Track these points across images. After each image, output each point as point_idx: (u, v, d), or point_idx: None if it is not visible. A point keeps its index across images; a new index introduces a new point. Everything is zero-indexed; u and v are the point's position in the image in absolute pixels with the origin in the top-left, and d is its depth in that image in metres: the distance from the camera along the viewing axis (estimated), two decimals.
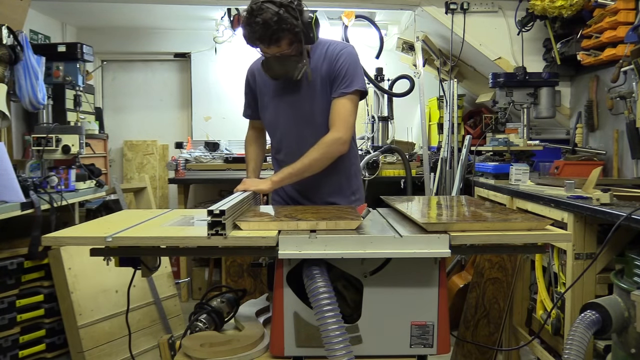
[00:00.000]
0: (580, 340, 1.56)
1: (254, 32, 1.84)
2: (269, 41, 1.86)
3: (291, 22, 1.85)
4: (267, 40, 1.86)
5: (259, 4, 1.83)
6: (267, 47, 1.89)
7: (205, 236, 1.38)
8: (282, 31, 1.84)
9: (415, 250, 1.41)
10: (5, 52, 2.65)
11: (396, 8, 3.81)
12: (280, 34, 1.85)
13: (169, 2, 3.92)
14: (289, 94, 2.08)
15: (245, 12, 1.86)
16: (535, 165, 3.25)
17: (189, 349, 1.59)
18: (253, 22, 1.82)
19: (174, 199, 4.96)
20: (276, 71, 1.97)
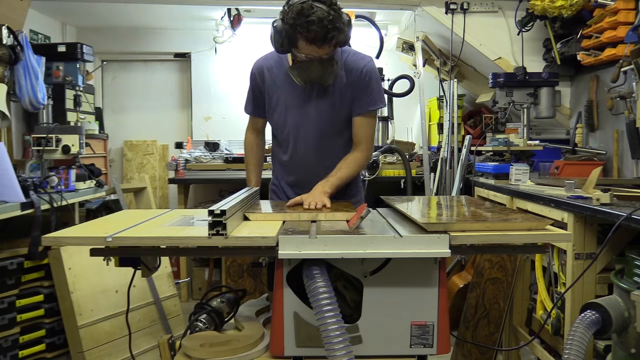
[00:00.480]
0: (580, 340, 1.56)
1: (309, 32, 1.78)
2: (323, 41, 1.81)
3: (341, 22, 1.84)
4: (321, 39, 1.80)
5: (308, 3, 1.79)
6: (319, 47, 1.83)
7: (206, 236, 1.38)
8: (336, 30, 1.81)
9: (415, 250, 1.41)
10: (5, 52, 2.65)
11: (396, 8, 3.82)
12: (334, 33, 1.81)
13: (169, 2, 3.92)
14: (308, 99, 2.06)
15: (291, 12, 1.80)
16: (535, 165, 3.26)
17: (189, 349, 1.59)
18: (306, 21, 1.77)
19: (174, 199, 4.96)
20: (313, 75, 1.93)
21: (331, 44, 1.85)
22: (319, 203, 1.79)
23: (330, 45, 1.85)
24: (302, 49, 1.87)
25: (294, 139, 2.12)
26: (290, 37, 1.84)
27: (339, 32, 1.83)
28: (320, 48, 1.84)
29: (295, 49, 1.89)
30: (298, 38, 1.83)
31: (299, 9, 1.79)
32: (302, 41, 1.83)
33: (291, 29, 1.82)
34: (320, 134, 2.10)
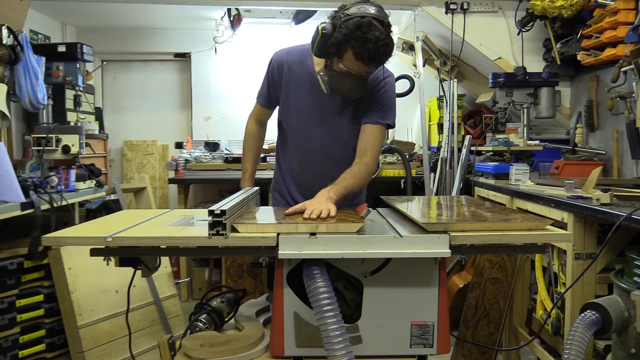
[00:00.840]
0: (580, 340, 1.56)
1: (363, 49, 1.73)
2: (372, 61, 1.77)
3: (391, 44, 1.78)
4: (371, 59, 1.76)
5: (368, 19, 1.71)
6: (366, 65, 1.78)
7: (206, 236, 1.38)
8: (386, 54, 1.77)
9: (415, 250, 1.41)
10: (5, 52, 2.65)
11: (396, 8, 3.81)
12: (384, 57, 1.78)
13: (169, 2, 3.92)
14: (327, 105, 2.03)
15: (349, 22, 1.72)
16: (535, 165, 3.25)
17: (189, 349, 1.59)
18: (362, 37, 1.71)
19: (174, 199, 4.96)
20: (345, 88, 1.88)
21: (377, 65, 1.82)
22: (324, 211, 1.60)
23: (376, 65, 1.82)
24: (346, 62, 1.80)
25: (307, 142, 2.09)
26: (340, 46, 1.77)
27: (387, 55, 1.79)
28: (366, 66, 1.80)
29: (338, 60, 1.82)
30: (347, 50, 1.76)
31: (358, 23, 1.71)
32: (350, 55, 1.77)
33: (344, 39, 1.74)
34: (335, 141, 2.07)
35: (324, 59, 1.89)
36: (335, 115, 2.04)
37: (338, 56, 1.80)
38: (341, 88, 1.89)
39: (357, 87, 1.89)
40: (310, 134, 2.08)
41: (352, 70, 1.81)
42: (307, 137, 2.08)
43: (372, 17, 1.72)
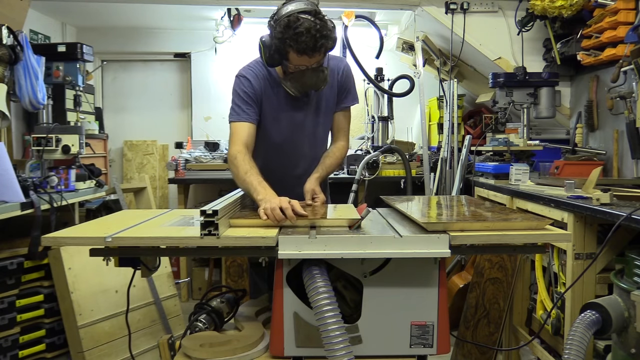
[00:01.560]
0: (580, 340, 1.56)
1: (299, 43, 1.81)
2: (313, 50, 1.84)
3: (328, 29, 1.86)
4: (311, 49, 1.83)
5: (294, 15, 1.81)
6: (310, 57, 1.86)
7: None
8: (324, 38, 1.84)
9: (415, 250, 1.41)
10: (5, 52, 2.65)
11: (396, 8, 3.81)
12: (323, 41, 1.84)
13: (169, 2, 3.92)
14: (299, 107, 2.10)
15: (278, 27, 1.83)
16: (535, 165, 3.25)
17: (188, 349, 1.59)
18: (294, 33, 1.80)
19: (174, 199, 4.96)
20: (307, 84, 1.96)
21: (321, 52, 1.88)
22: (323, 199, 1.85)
23: (320, 53, 1.88)
24: (293, 61, 1.89)
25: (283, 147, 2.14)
26: (281, 50, 1.87)
27: (327, 39, 1.85)
28: (311, 57, 1.87)
29: (287, 62, 1.91)
30: (288, 51, 1.85)
31: (286, 23, 1.81)
32: (292, 53, 1.85)
33: (280, 42, 1.84)
34: (309, 139, 2.16)
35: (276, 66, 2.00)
36: (310, 113, 2.13)
37: (285, 59, 1.90)
38: (304, 86, 1.97)
39: (318, 78, 1.96)
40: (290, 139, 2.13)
41: (303, 65, 1.90)
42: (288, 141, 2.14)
43: (298, 11, 1.82)
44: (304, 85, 1.97)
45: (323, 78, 1.98)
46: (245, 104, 2.06)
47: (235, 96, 2.09)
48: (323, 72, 1.97)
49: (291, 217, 1.57)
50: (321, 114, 2.15)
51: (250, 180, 1.85)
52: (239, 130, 2.06)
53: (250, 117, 2.05)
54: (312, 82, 1.96)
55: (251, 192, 1.83)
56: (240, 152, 1.98)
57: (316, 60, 1.90)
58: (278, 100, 2.08)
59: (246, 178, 1.87)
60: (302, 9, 1.83)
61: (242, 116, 2.06)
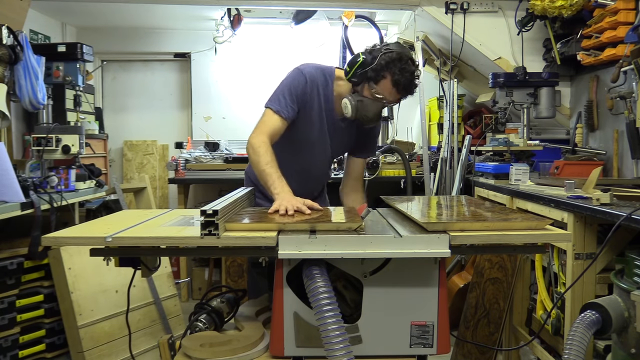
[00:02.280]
0: (580, 340, 1.56)
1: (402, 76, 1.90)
2: (405, 91, 1.95)
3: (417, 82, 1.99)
4: (405, 88, 1.94)
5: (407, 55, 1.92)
6: (398, 93, 1.95)
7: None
8: (415, 87, 1.97)
9: (415, 250, 1.41)
10: (5, 52, 2.65)
11: (396, 8, 3.81)
12: (414, 89, 1.97)
13: (169, 2, 3.92)
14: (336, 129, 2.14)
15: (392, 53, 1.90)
16: (535, 165, 3.25)
17: (189, 349, 1.59)
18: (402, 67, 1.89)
19: (174, 199, 4.96)
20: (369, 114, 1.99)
21: (405, 97, 1.99)
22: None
23: (404, 97, 1.99)
24: (381, 87, 1.93)
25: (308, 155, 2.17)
26: (380, 72, 1.91)
27: (416, 87, 1.98)
28: (397, 95, 1.95)
29: (374, 84, 1.93)
30: (386, 77, 1.91)
31: (399, 56, 1.90)
32: (387, 81, 1.91)
33: (385, 66, 1.90)
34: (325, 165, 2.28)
35: (353, 84, 2.00)
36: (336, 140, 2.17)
37: (375, 81, 1.93)
38: (367, 114, 1.98)
39: (378, 115, 2.03)
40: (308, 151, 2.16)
41: (383, 96, 1.95)
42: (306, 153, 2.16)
43: (409, 57, 1.94)
44: (366, 112, 1.97)
45: (376, 119, 2.04)
46: (291, 99, 2.01)
47: (285, 86, 2.03)
48: (381, 117, 2.06)
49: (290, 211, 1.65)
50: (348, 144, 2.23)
51: (270, 172, 1.84)
52: (271, 121, 1.99)
53: (288, 114, 2.00)
54: (372, 115, 1.99)
55: (269, 184, 1.83)
56: (265, 143, 1.92)
57: (394, 100, 1.98)
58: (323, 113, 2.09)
59: (266, 169, 1.85)
60: (412, 57, 1.95)
61: (283, 109, 1.99)
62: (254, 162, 1.93)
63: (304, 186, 2.05)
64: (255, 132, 1.97)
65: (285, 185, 1.80)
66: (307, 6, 4.14)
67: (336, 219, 1.61)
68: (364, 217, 1.70)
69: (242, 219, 1.55)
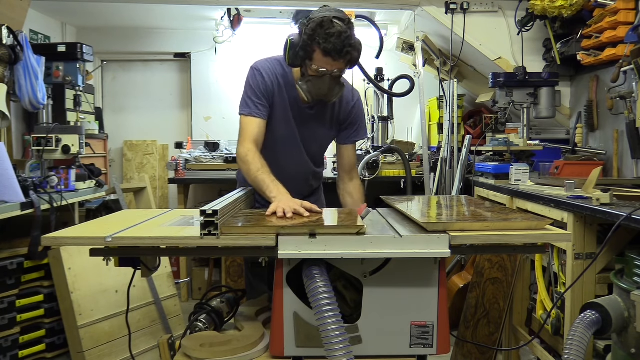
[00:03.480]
0: (580, 340, 1.56)
1: (328, 43, 1.81)
2: (339, 54, 1.84)
3: (356, 41, 1.88)
4: (337, 52, 1.83)
5: (329, 17, 1.83)
6: (334, 60, 1.86)
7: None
8: (351, 47, 1.85)
9: (415, 250, 1.41)
10: (5, 52, 2.65)
11: (396, 8, 3.81)
12: (349, 49, 1.85)
13: (169, 2, 3.92)
14: (306, 118, 2.09)
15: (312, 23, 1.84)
16: (535, 165, 3.25)
17: (189, 349, 1.59)
18: (325, 33, 1.81)
19: (174, 199, 4.96)
20: (322, 90, 1.94)
21: (345, 60, 1.88)
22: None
23: (344, 60, 1.88)
24: (316, 61, 1.88)
25: (280, 153, 2.11)
26: (307, 48, 1.86)
27: (353, 49, 1.87)
28: (335, 61, 1.86)
29: (309, 62, 1.90)
30: (315, 50, 1.85)
31: (319, 22, 1.83)
32: (318, 53, 1.85)
33: (309, 39, 1.85)
34: (307, 154, 2.17)
35: (298, 67, 1.96)
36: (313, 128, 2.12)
37: (309, 58, 1.89)
38: (319, 92, 1.94)
39: (333, 89, 1.95)
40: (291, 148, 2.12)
41: (324, 68, 1.88)
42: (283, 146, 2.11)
43: (332, 16, 1.84)
44: (319, 91, 1.94)
45: (337, 91, 1.97)
46: (257, 98, 2.01)
47: (248, 88, 2.04)
48: (339, 86, 1.97)
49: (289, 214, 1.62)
50: (323, 132, 2.15)
51: (262, 177, 1.86)
52: (249, 126, 2.00)
53: (261, 113, 2.01)
54: (327, 91, 1.94)
55: (264, 189, 1.84)
56: (251, 151, 1.94)
57: (338, 68, 1.90)
58: (288, 104, 2.05)
59: (258, 175, 1.87)
60: (336, 15, 1.86)
61: (254, 111, 2.00)
62: (245, 171, 1.96)
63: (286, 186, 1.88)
64: (239, 143, 2.00)
65: (281, 188, 1.82)
66: (307, 6, 4.13)
67: (335, 221, 1.61)
68: (364, 217, 1.70)
69: (238, 222, 1.52)
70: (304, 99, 1.99)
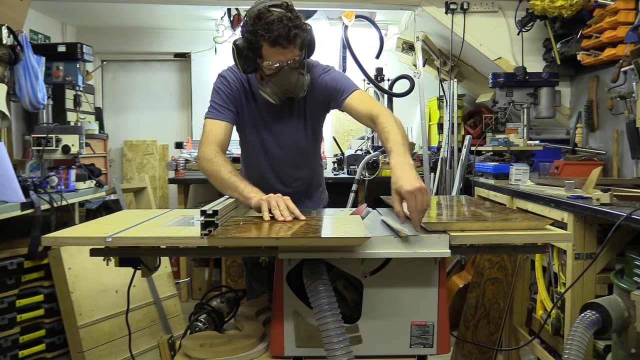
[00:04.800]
0: (580, 340, 1.56)
1: (271, 32, 1.70)
2: (287, 39, 1.72)
3: (300, 21, 1.77)
4: (284, 38, 1.71)
5: (265, 7, 1.73)
6: (285, 48, 1.74)
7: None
8: (297, 28, 1.74)
9: (415, 250, 1.41)
10: (5, 52, 2.65)
11: (396, 8, 3.81)
12: (296, 31, 1.73)
13: (169, 2, 3.92)
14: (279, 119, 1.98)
15: (250, 19, 1.75)
16: (535, 165, 3.25)
17: (189, 349, 1.59)
18: (265, 22, 1.70)
19: (174, 199, 4.96)
20: (285, 85, 1.82)
21: (295, 44, 1.77)
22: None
23: (295, 45, 1.77)
24: (267, 56, 1.78)
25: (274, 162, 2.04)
26: (254, 46, 1.76)
27: (300, 30, 1.75)
28: (285, 49, 1.75)
29: (261, 60, 1.80)
30: (261, 44, 1.75)
31: (256, 14, 1.74)
32: (266, 46, 1.75)
33: (252, 36, 1.75)
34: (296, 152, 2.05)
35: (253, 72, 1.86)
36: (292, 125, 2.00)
37: (259, 56, 1.79)
38: (282, 88, 1.83)
39: (297, 80, 1.82)
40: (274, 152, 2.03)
41: (277, 61, 1.78)
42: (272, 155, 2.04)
43: (268, 5, 1.74)
44: (282, 87, 1.82)
45: (302, 82, 1.84)
46: (223, 102, 1.93)
47: (214, 95, 1.96)
48: (302, 75, 1.84)
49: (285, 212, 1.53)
50: (307, 125, 2.01)
51: (234, 179, 1.74)
52: (213, 129, 1.91)
53: (226, 115, 1.92)
54: (291, 84, 1.82)
55: (239, 190, 1.71)
56: (218, 153, 1.85)
57: (292, 55, 1.78)
58: (259, 112, 1.96)
59: (231, 177, 1.76)
60: (273, 2, 1.75)
61: (217, 113, 1.92)
62: (213, 173, 1.82)
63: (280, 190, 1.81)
64: (201, 145, 1.90)
65: (254, 187, 1.71)
66: (307, 6, 4.13)
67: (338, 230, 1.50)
68: (364, 217, 1.70)
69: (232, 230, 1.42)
70: (272, 101, 1.86)
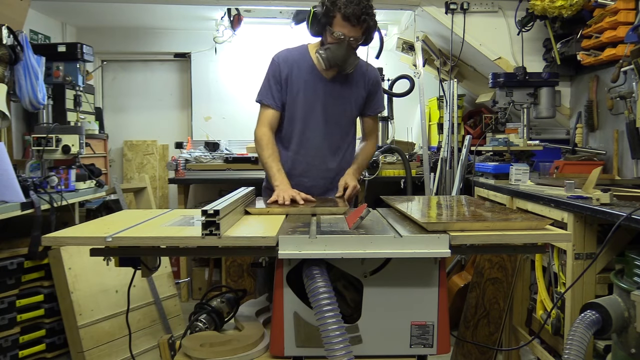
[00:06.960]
0: (580, 340, 1.56)
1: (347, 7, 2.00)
2: (357, 20, 2.02)
3: (373, 11, 2.08)
4: (356, 18, 2.01)
5: None
6: (353, 26, 2.03)
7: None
8: (368, 15, 2.05)
9: (415, 250, 1.41)
10: (5, 52, 2.65)
11: (396, 8, 3.82)
12: (366, 17, 2.04)
13: (169, 2, 3.92)
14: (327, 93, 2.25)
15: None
16: (535, 165, 3.25)
17: (189, 349, 1.59)
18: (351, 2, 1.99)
19: (174, 199, 4.97)
20: (339, 57, 2.09)
21: (362, 27, 2.06)
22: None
23: (361, 27, 2.06)
24: (336, 26, 2.06)
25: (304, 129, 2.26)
26: (329, 13, 2.04)
27: (370, 17, 2.06)
28: (353, 27, 2.04)
29: (330, 27, 2.08)
30: (335, 15, 2.04)
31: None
32: (338, 17, 2.04)
33: (332, 5, 2.03)
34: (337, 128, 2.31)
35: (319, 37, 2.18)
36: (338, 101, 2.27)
37: (329, 24, 2.08)
38: (336, 58, 2.11)
39: (349, 57, 2.12)
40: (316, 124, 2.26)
41: (342, 33, 2.07)
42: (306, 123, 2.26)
43: None
44: (336, 57, 2.09)
45: (353, 60, 2.14)
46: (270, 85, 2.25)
47: (265, 78, 2.28)
48: (355, 56, 2.14)
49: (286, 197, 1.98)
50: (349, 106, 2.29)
51: (271, 165, 2.18)
52: (263, 113, 2.27)
53: (273, 99, 2.24)
54: (343, 57, 2.09)
55: (270, 174, 2.17)
56: (265, 135, 2.23)
57: (355, 34, 2.07)
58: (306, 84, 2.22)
59: (268, 162, 2.19)
60: None
61: (265, 97, 2.26)
62: (258, 152, 2.26)
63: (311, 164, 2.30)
64: (257, 125, 2.27)
65: (284, 178, 2.13)
66: (307, 6, 4.13)
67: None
68: (364, 217, 1.70)
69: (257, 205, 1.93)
70: (322, 64, 2.14)
